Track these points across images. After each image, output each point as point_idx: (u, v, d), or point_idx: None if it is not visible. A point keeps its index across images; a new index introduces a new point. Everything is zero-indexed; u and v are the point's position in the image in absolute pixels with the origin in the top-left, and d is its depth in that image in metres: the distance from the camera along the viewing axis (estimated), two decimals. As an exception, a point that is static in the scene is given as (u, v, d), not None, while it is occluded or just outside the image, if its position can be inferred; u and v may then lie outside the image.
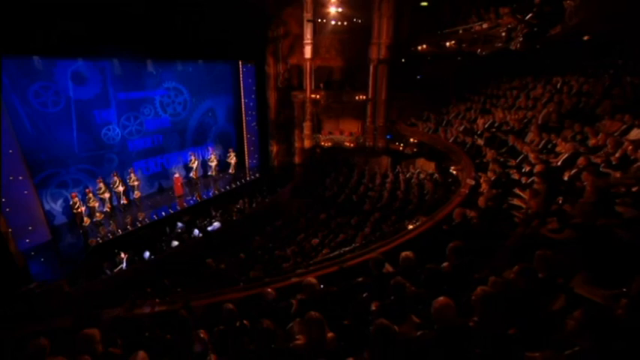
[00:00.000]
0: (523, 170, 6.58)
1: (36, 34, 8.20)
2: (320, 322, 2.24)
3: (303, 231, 10.27)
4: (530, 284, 2.35)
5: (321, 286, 3.56)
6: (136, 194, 12.11)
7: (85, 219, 10.49)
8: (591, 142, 5.85)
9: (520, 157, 7.29)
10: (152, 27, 10.25)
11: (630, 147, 4.63)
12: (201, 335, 2.33)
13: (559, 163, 6.10)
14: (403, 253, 3.71)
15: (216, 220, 11.29)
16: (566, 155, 6.02)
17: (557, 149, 6.30)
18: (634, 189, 3.57)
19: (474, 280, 2.95)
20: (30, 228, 9.46)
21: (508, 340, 2.02)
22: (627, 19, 5.46)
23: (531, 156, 6.65)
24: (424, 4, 14.36)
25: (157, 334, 2.71)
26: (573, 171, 5.35)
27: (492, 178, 6.58)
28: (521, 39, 6.97)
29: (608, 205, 3.45)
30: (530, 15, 6.49)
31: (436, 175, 12.07)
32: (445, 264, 3.40)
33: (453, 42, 12.17)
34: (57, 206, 10.67)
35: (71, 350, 2.60)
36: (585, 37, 7.38)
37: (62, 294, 7.37)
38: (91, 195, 10.62)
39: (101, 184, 10.99)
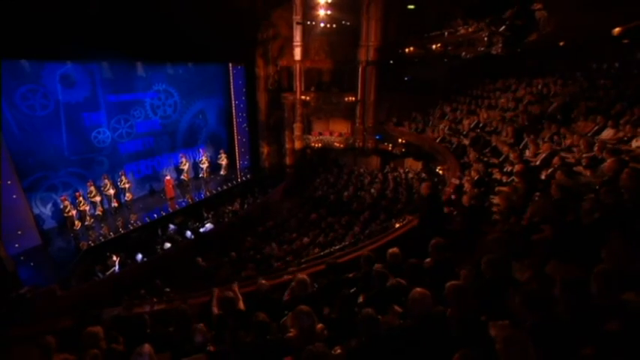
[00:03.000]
0: (504, 170, 6.90)
1: (25, 37, 8.17)
2: (309, 314, 2.44)
3: (295, 231, 10.46)
4: (496, 273, 2.61)
5: (315, 285, 3.77)
6: (128, 197, 12.07)
7: (76, 222, 10.45)
8: (566, 142, 6.19)
9: (502, 157, 7.62)
10: (141, 30, 10.24)
11: (597, 148, 4.97)
12: (201, 327, 2.50)
13: (537, 163, 6.43)
14: (390, 250, 3.94)
15: (208, 222, 11.38)
16: (544, 155, 6.36)
17: (533, 149, 6.63)
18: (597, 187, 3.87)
19: (455, 274, 3.20)
20: (19, 232, 9.40)
21: (479, 326, 2.26)
22: (589, 29, 5.86)
23: (512, 156, 6.97)
24: (411, 7, 14.67)
25: (158, 330, 2.86)
26: (550, 170, 5.68)
27: (475, 178, 6.88)
28: (500, 45, 7.34)
29: (575, 202, 3.74)
30: (503, 27, 6.85)
31: (424, 175, 12.39)
32: (428, 260, 3.65)
33: (439, 45, 12.52)
34: (46, 210, 10.60)
35: (74, 349, 2.74)
36: (561, 43, 7.77)
37: (54, 298, 7.40)
38: (81, 198, 10.58)
39: (92, 188, 10.94)
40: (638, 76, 7.49)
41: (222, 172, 14.94)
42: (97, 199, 11.08)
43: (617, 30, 5.95)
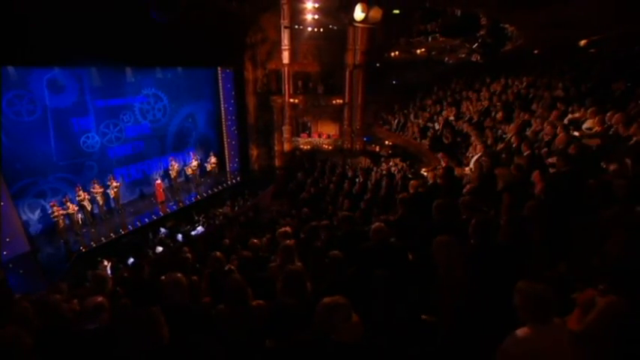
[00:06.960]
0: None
1: (11, 44, 8.14)
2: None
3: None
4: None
5: None
6: (118, 201, 12.06)
7: (66, 228, 10.42)
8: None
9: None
10: (130, 34, 10.24)
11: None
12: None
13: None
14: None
15: (199, 225, 11.51)
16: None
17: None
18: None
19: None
20: (7, 239, 9.32)
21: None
22: (554, 42, 6.35)
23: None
24: (396, 11, 15.03)
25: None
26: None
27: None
28: (478, 54, 7.76)
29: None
30: (476, 45, 7.28)
31: (410, 176, 12.74)
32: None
33: (423, 50, 12.91)
34: (34, 216, 10.54)
35: None
36: (535, 51, 8.26)
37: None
38: (70, 204, 10.55)
39: (81, 193, 10.91)
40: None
41: (212, 175, 15.03)
42: (87, 204, 11.05)
43: (583, 42, 6.44)
